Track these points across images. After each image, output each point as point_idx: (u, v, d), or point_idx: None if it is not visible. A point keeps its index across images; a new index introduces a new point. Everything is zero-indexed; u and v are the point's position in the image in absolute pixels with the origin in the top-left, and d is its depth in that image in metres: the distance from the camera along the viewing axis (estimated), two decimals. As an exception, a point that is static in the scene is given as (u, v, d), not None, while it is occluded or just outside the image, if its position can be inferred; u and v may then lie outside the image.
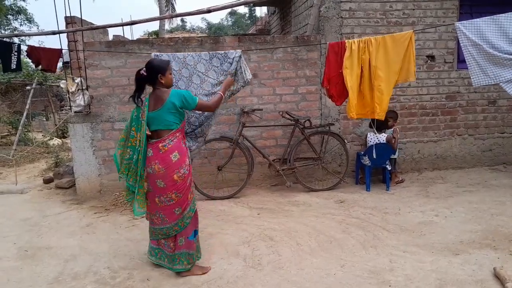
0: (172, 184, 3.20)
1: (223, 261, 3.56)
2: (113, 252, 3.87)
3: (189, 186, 3.30)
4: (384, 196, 5.26)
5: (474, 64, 3.54)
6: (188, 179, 3.28)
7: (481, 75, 3.53)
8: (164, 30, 24.45)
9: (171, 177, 3.18)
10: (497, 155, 6.47)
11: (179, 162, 3.19)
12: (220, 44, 5.50)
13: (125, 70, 5.43)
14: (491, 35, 3.47)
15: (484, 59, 3.49)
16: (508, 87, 3.34)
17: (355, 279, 3.17)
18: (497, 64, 3.45)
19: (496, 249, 3.59)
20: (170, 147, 3.19)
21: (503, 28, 3.46)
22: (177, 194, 3.23)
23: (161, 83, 3.22)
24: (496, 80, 3.45)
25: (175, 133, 3.23)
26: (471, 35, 3.54)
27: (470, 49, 3.56)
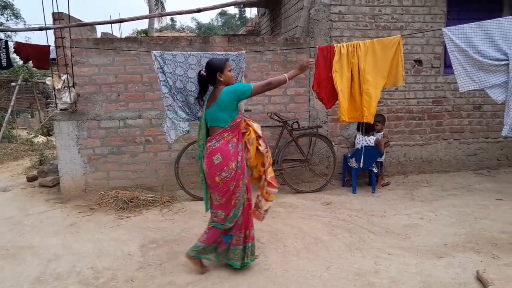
0: (215, 186, 3.23)
1: (208, 262, 3.52)
2: (97, 252, 3.82)
3: (234, 192, 3.23)
4: (370, 199, 5.30)
5: (461, 69, 3.59)
6: (231, 184, 3.20)
7: (467, 80, 3.58)
8: (153, 29, 24.26)
9: (213, 178, 3.21)
10: (481, 160, 6.57)
11: (221, 165, 3.17)
12: (209, 44, 5.48)
13: (112, 68, 5.38)
14: (477, 41, 3.53)
15: (470, 64, 3.55)
16: (492, 93, 3.40)
17: (340, 281, 3.19)
18: (483, 69, 3.50)
19: (479, 252, 3.64)
20: (215, 148, 3.20)
21: (489, 34, 3.52)
22: (220, 197, 3.24)
23: (220, 81, 3.27)
24: (481, 85, 3.51)
25: (223, 133, 3.21)
26: (458, 40, 3.59)
27: (456, 55, 3.62)
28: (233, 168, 3.20)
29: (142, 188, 5.49)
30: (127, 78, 5.42)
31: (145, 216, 4.78)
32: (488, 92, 3.45)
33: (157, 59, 3.97)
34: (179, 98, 4.08)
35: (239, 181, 3.24)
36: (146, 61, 5.31)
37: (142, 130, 5.52)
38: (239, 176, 3.24)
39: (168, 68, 4.00)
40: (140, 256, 3.72)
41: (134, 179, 5.56)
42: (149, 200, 5.12)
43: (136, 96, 5.46)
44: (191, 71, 4.00)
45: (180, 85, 4.01)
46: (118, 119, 5.46)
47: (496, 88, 3.43)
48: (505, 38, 3.47)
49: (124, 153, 5.52)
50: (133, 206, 5.00)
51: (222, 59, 3.36)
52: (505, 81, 3.42)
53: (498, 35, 3.49)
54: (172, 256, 3.68)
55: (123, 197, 5.12)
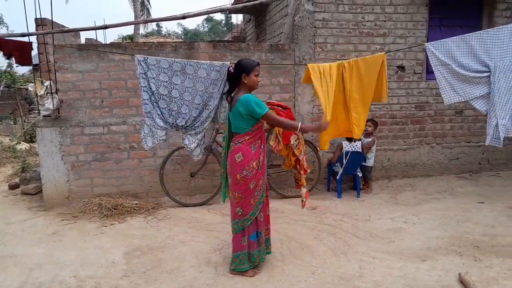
0: (235, 183, 3.31)
1: (193, 269, 3.51)
2: (80, 261, 3.76)
3: (253, 190, 3.31)
4: (355, 203, 5.34)
5: (445, 83, 3.66)
6: (251, 183, 3.28)
7: (451, 93, 3.66)
8: (139, 34, 24.15)
9: (235, 176, 3.29)
10: (463, 164, 6.68)
11: (242, 163, 3.25)
12: (194, 50, 5.48)
13: (96, 74, 5.33)
14: (459, 54, 3.61)
15: (454, 77, 3.62)
16: (476, 104, 3.48)
17: (325, 285, 3.20)
18: (466, 82, 3.58)
19: (462, 255, 3.69)
20: (236, 147, 3.29)
21: (471, 47, 3.60)
22: (239, 194, 3.31)
23: (244, 83, 3.30)
24: (466, 98, 3.58)
25: (244, 136, 3.29)
26: (441, 55, 3.67)
27: (440, 69, 3.69)
28: (254, 167, 3.28)
29: (127, 195, 5.43)
30: (111, 84, 5.38)
31: (130, 223, 4.73)
32: (472, 104, 3.53)
33: (140, 64, 3.95)
34: (160, 105, 4.05)
35: (259, 180, 3.33)
36: (131, 67, 5.29)
37: (126, 136, 5.47)
38: (259, 175, 3.33)
39: (151, 73, 3.97)
40: (124, 264, 3.68)
41: (118, 186, 5.51)
42: (134, 207, 5.07)
43: (120, 102, 5.42)
44: (175, 77, 3.99)
45: (164, 91, 3.99)
46: (102, 125, 5.41)
47: (480, 100, 3.52)
48: (486, 51, 3.57)
49: (108, 159, 5.46)
50: (118, 213, 4.94)
51: (253, 62, 3.36)
52: (487, 92, 3.50)
53: (479, 48, 3.58)
54: (156, 264, 3.65)
55: (107, 204, 5.06)
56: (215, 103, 4.01)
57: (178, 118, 4.10)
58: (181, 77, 3.97)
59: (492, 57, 3.56)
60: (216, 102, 4.00)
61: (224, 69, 3.99)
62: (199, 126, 4.17)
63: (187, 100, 4.02)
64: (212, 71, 3.97)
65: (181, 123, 4.11)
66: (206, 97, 4.01)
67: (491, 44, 3.61)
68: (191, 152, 4.44)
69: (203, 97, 4.01)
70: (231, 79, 3.44)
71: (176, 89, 4.00)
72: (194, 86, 4.00)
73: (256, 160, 3.29)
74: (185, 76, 3.98)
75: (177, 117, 4.09)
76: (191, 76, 3.98)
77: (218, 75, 4.00)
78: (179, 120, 4.09)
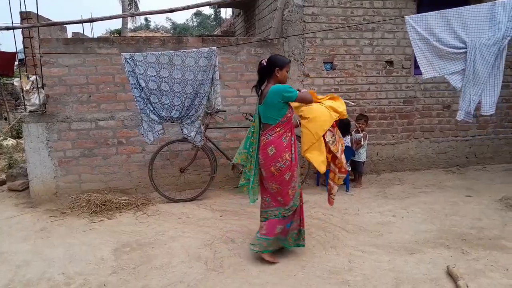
0: (270, 175, 3.42)
1: (183, 265, 3.50)
2: (68, 257, 3.72)
3: (289, 181, 3.43)
4: (344, 197, 5.37)
5: (422, 57, 3.67)
6: (286, 173, 3.40)
7: (428, 67, 3.67)
8: (127, 28, 23.91)
9: (269, 168, 3.41)
10: (451, 158, 6.76)
11: (275, 156, 3.36)
12: (183, 44, 5.44)
13: (83, 68, 5.26)
14: (438, 29, 3.62)
15: (431, 52, 3.64)
16: (451, 79, 3.51)
17: (315, 279, 3.22)
18: (442, 57, 3.60)
19: (449, 248, 3.74)
20: (268, 141, 3.40)
21: (449, 23, 3.60)
22: (277, 185, 3.43)
23: (276, 76, 3.44)
24: (441, 73, 3.60)
25: (275, 128, 3.40)
26: (420, 28, 3.67)
27: (418, 42, 3.70)
28: (287, 159, 3.40)
29: (115, 191, 5.39)
30: (98, 79, 5.31)
31: (119, 219, 4.69)
32: (447, 79, 3.54)
33: (127, 62, 3.92)
34: (152, 100, 4.04)
35: (294, 171, 3.45)
36: (118, 61, 5.22)
37: (114, 131, 5.42)
38: (293, 166, 3.45)
39: (139, 69, 3.95)
40: (113, 260, 3.66)
41: (107, 182, 5.46)
42: (123, 203, 5.04)
43: (108, 97, 5.36)
44: (163, 70, 3.97)
45: (153, 86, 3.98)
46: (90, 120, 5.34)
47: (455, 75, 3.53)
48: (464, 27, 3.58)
49: (96, 155, 5.41)
50: (106, 210, 4.90)
51: (286, 59, 3.53)
52: (463, 68, 3.53)
53: (458, 24, 3.59)
54: (146, 260, 3.63)
55: (95, 200, 5.01)
56: (206, 89, 4.01)
57: (172, 111, 4.09)
58: (169, 69, 3.95)
59: (469, 34, 3.58)
60: (207, 88, 4.00)
61: (212, 54, 3.99)
62: (194, 114, 4.17)
63: (177, 92, 4.01)
64: (200, 58, 3.96)
65: (175, 115, 4.10)
66: (196, 85, 4.01)
67: (469, 21, 3.62)
68: (193, 140, 4.43)
69: (193, 85, 4.00)
70: (263, 72, 3.53)
71: (165, 82, 3.98)
72: (183, 76, 3.99)
73: (288, 152, 3.42)
74: (173, 68, 3.96)
75: (171, 110, 4.08)
76: (179, 66, 3.97)
77: (206, 61, 3.99)
78: (173, 112, 4.08)
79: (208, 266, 3.48)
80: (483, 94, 3.61)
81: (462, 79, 3.58)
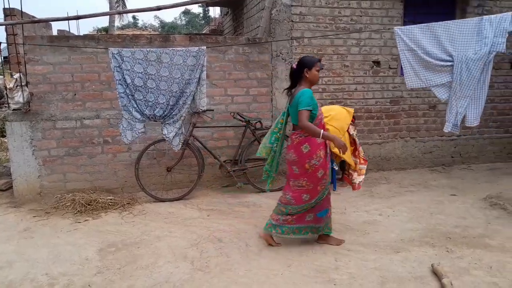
0: (304, 172, 3.52)
1: (170, 265, 3.48)
2: (52, 258, 3.67)
3: (320, 178, 3.55)
4: (331, 196, 5.33)
5: (409, 67, 3.72)
6: (319, 171, 3.52)
7: (414, 78, 3.71)
8: (114, 26, 23.65)
9: (303, 165, 3.50)
10: (436, 157, 6.84)
11: (310, 153, 3.47)
12: (170, 42, 5.39)
13: (68, 66, 5.18)
14: (426, 42, 3.67)
15: (418, 63, 3.68)
16: (437, 91, 3.55)
17: (301, 278, 3.22)
18: (429, 69, 3.65)
19: (434, 246, 3.78)
20: (302, 139, 3.50)
21: (437, 36, 3.66)
22: (307, 182, 3.54)
23: (306, 77, 3.52)
24: (427, 84, 3.65)
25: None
26: (408, 40, 3.72)
27: (406, 54, 3.74)
28: (321, 156, 3.51)
29: (101, 190, 5.33)
30: (84, 77, 5.24)
31: (104, 219, 4.64)
32: (433, 91, 3.59)
33: (114, 57, 3.88)
34: (136, 97, 4.00)
35: (326, 168, 3.58)
36: (104, 59, 5.16)
37: (100, 130, 5.35)
38: (326, 164, 3.57)
39: (126, 65, 3.91)
40: (98, 260, 3.61)
41: (92, 181, 5.39)
42: (108, 202, 4.98)
43: (94, 96, 5.29)
44: (151, 67, 3.93)
45: (139, 83, 3.94)
46: (75, 119, 5.27)
47: (440, 87, 3.58)
48: (451, 41, 3.63)
49: (82, 154, 5.34)
50: (91, 209, 4.84)
51: (314, 58, 3.59)
52: (449, 81, 3.57)
53: (445, 37, 3.64)
54: (131, 260, 3.59)
55: (80, 200, 4.94)
56: (192, 89, 3.98)
57: (156, 109, 4.05)
58: (157, 66, 3.92)
59: (456, 47, 3.63)
60: (193, 88, 3.98)
61: (201, 53, 3.97)
62: (177, 114, 4.13)
63: (163, 90, 3.98)
64: (188, 57, 3.94)
65: (159, 113, 4.06)
66: (182, 84, 3.98)
67: (456, 35, 3.67)
68: (170, 142, 4.38)
69: (179, 84, 3.98)
70: (294, 75, 3.60)
71: (152, 79, 3.95)
72: (170, 74, 3.96)
73: (323, 149, 3.54)
74: (160, 65, 3.93)
75: (155, 108, 4.04)
76: (167, 64, 3.94)
77: (195, 61, 3.97)
78: (156, 110, 4.04)
79: (195, 265, 3.46)
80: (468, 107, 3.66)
81: (447, 91, 3.64)
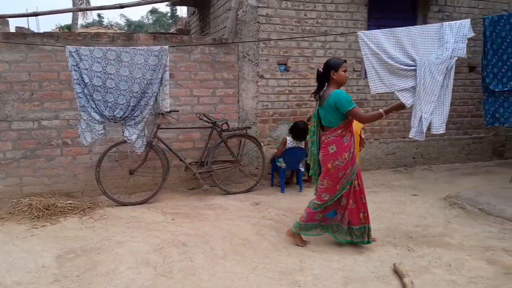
0: (326, 171, 3.63)
1: (131, 271, 3.37)
2: (6, 266, 3.48)
3: (340, 178, 3.61)
4: (297, 197, 5.42)
5: (373, 72, 3.76)
6: (340, 172, 3.58)
7: (378, 82, 3.76)
8: (77, 24, 22.91)
9: (326, 165, 3.62)
10: (399, 158, 7.01)
11: (335, 154, 3.56)
12: (133, 41, 5.25)
13: (25, 65, 4.95)
14: (389, 46, 3.72)
15: (382, 68, 3.73)
16: (402, 96, 3.61)
17: (266, 281, 3.20)
18: (393, 73, 3.70)
19: (396, 246, 3.85)
20: (330, 140, 3.59)
21: (400, 41, 3.72)
22: (328, 181, 3.64)
23: (333, 79, 3.57)
24: (391, 89, 3.70)
25: (336, 130, 3.58)
26: (372, 44, 3.76)
27: (370, 58, 3.79)
28: (346, 158, 3.57)
29: (60, 195, 5.12)
30: (42, 76, 5.03)
31: (63, 224, 4.46)
32: (398, 96, 3.65)
33: (72, 55, 3.73)
34: (95, 97, 3.86)
35: (347, 169, 3.60)
36: (63, 57, 4.92)
37: (59, 131, 5.14)
38: (349, 165, 3.60)
39: (84, 64, 3.76)
40: (56, 267, 3.46)
41: (50, 185, 5.17)
42: (68, 207, 4.78)
43: (52, 95, 5.08)
44: (110, 66, 3.80)
45: (98, 82, 3.80)
46: (32, 120, 5.04)
47: (405, 92, 3.63)
48: (414, 46, 3.70)
49: (39, 157, 5.11)
50: (50, 214, 4.64)
51: (340, 60, 3.66)
52: (413, 85, 3.64)
53: (408, 42, 3.71)
54: (91, 266, 3.46)
55: (38, 204, 4.72)
56: (154, 90, 3.88)
57: (115, 110, 3.92)
58: (116, 65, 3.80)
59: (418, 52, 3.70)
60: (155, 88, 3.88)
61: (163, 53, 3.88)
62: (138, 115, 4.02)
63: (123, 90, 3.86)
64: (150, 56, 3.84)
65: (119, 114, 3.94)
66: (144, 84, 3.88)
67: (418, 40, 3.75)
68: (132, 144, 4.25)
69: (140, 84, 3.87)
70: (321, 78, 3.67)
71: (111, 79, 3.82)
72: (130, 74, 3.84)
73: (348, 151, 3.59)
74: (120, 64, 3.81)
75: (115, 109, 3.91)
76: (127, 63, 3.82)
77: (156, 60, 3.88)
78: (116, 111, 3.91)
79: (157, 271, 3.37)
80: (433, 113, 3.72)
81: (411, 96, 3.69)
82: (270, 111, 6.15)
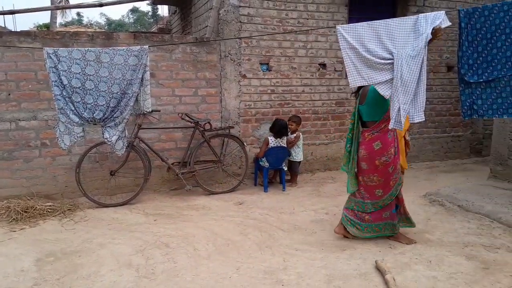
0: (374, 168, 3.68)
1: (113, 273, 3.32)
2: (-18, 271, 3.39)
3: (392, 173, 3.69)
4: (281, 197, 5.44)
5: (351, 66, 3.78)
6: (390, 167, 3.66)
7: (357, 76, 3.78)
8: (56, 23, 22.48)
9: (373, 162, 3.66)
10: (380, 156, 7.09)
11: (381, 150, 3.62)
12: (113, 40, 5.18)
13: (1, 64, 4.83)
14: (367, 40, 3.75)
15: (360, 62, 3.75)
16: (380, 89, 3.65)
17: (250, 280, 3.20)
18: (371, 67, 3.73)
19: (378, 243, 3.89)
20: (374, 137, 3.65)
21: (378, 34, 3.75)
22: (378, 178, 3.69)
23: None
24: (369, 82, 3.74)
25: (380, 124, 3.66)
26: (350, 38, 3.78)
27: (348, 52, 3.81)
28: (392, 153, 3.65)
29: (39, 197, 5.01)
30: (19, 76, 4.91)
31: (42, 227, 4.37)
32: (376, 88, 3.69)
33: (50, 57, 3.65)
34: (74, 99, 3.78)
35: (396, 164, 3.70)
36: (41, 57, 4.82)
37: (37, 132, 5.04)
38: (396, 160, 3.70)
39: (62, 66, 3.69)
40: (35, 271, 3.38)
41: (29, 187, 5.06)
42: (47, 209, 4.69)
43: (30, 95, 4.97)
44: (89, 68, 3.74)
45: (77, 84, 3.73)
46: (9, 120, 4.92)
47: (383, 85, 3.68)
48: (391, 38, 3.74)
49: (17, 158, 4.99)
50: (28, 217, 4.54)
51: None
52: (390, 78, 3.68)
53: (385, 35, 3.74)
54: (72, 269, 3.40)
55: (16, 207, 4.61)
56: (135, 90, 3.84)
57: (95, 111, 3.85)
58: (95, 66, 3.73)
59: (396, 45, 3.74)
60: (136, 88, 3.83)
61: (143, 53, 3.84)
62: (118, 116, 3.96)
63: (103, 91, 3.80)
64: (130, 56, 3.80)
65: (98, 116, 3.87)
66: (124, 85, 3.82)
67: (396, 32, 3.79)
68: (113, 146, 4.19)
69: (120, 85, 3.82)
70: None
71: (90, 80, 3.76)
72: (110, 75, 3.78)
73: (393, 147, 3.67)
74: (99, 65, 3.75)
75: (94, 110, 3.85)
76: (107, 64, 3.76)
77: (136, 60, 3.83)
78: (96, 113, 3.85)
79: (140, 273, 3.33)
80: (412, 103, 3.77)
81: (389, 88, 3.73)
82: (252, 111, 6.15)
